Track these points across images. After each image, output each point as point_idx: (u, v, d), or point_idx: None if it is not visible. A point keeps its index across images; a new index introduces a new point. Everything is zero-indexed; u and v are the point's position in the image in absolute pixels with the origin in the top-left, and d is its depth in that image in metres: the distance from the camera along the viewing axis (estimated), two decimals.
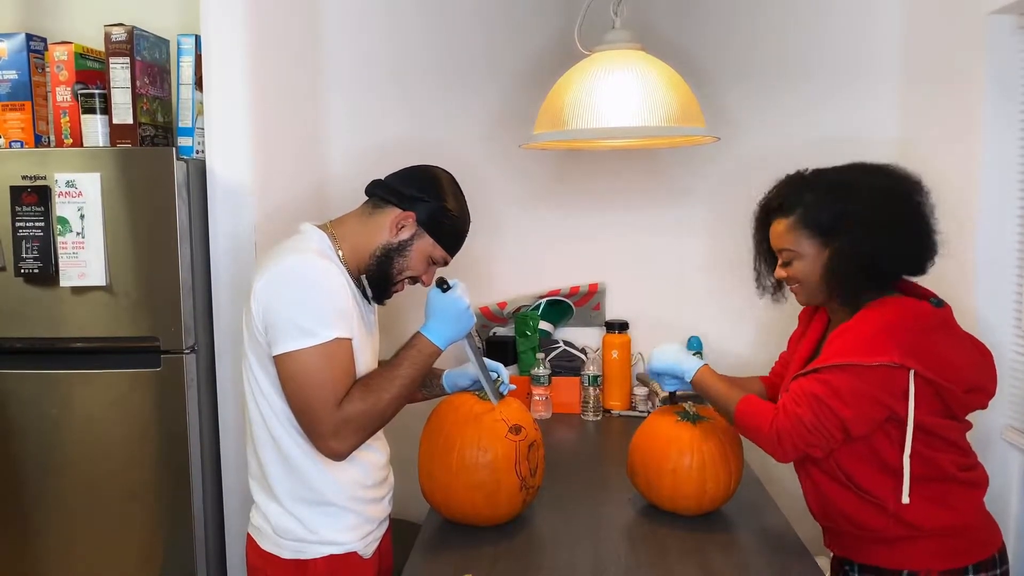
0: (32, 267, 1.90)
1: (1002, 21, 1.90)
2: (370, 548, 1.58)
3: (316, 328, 1.39)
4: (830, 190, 1.52)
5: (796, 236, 1.53)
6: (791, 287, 1.60)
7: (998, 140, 1.93)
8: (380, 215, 1.55)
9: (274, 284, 1.42)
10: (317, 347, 1.39)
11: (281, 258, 1.46)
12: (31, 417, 1.96)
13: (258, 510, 1.55)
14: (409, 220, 1.54)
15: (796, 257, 1.54)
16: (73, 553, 1.98)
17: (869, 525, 1.50)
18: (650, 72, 1.75)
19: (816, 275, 1.53)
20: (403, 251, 1.54)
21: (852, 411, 1.42)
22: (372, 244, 1.54)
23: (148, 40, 2.03)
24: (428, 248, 1.56)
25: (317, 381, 1.40)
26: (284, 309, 1.40)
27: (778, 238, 1.57)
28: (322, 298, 1.42)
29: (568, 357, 2.53)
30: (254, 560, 1.56)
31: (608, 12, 1.85)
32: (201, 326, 2.00)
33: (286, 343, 1.40)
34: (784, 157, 2.44)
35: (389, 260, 1.54)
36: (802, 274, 1.54)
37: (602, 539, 1.61)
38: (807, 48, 2.44)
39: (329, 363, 1.41)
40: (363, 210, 1.59)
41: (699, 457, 1.64)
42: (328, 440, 1.42)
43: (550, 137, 1.80)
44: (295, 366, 1.40)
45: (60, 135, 2.03)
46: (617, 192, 2.56)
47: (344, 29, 2.54)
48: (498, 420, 1.63)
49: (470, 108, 2.55)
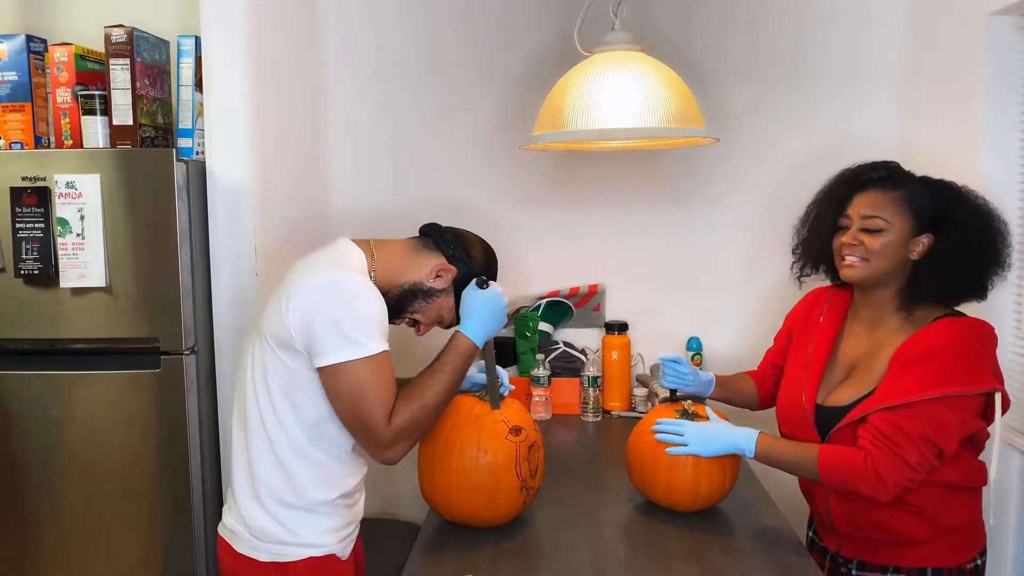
0: (32, 268, 1.90)
1: (1002, 21, 1.90)
2: (347, 550, 1.58)
3: (365, 340, 1.41)
4: (940, 188, 1.53)
5: (896, 211, 1.50)
6: (851, 259, 1.54)
7: (998, 141, 1.93)
8: (425, 256, 1.59)
9: (321, 295, 1.42)
10: (366, 359, 1.41)
11: (325, 271, 1.46)
12: (31, 418, 1.96)
13: (232, 512, 1.54)
14: (449, 274, 1.58)
15: (886, 230, 1.50)
16: (73, 553, 1.98)
17: (907, 533, 1.50)
18: (650, 73, 1.75)
19: (897, 257, 1.50)
20: (429, 297, 1.59)
21: (955, 441, 1.43)
22: (405, 277, 1.57)
23: (148, 41, 2.03)
24: (447, 306, 1.61)
25: (369, 393, 1.42)
26: (332, 320, 1.41)
27: (874, 206, 1.52)
28: (370, 312, 1.44)
29: (568, 358, 2.53)
30: (229, 563, 1.55)
31: (608, 13, 1.85)
32: (201, 327, 2.00)
33: (335, 354, 1.40)
34: (784, 157, 2.47)
35: (413, 298, 1.58)
36: (882, 248, 1.50)
37: (602, 539, 1.61)
38: (807, 49, 2.44)
39: (378, 375, 1.43)
40: (413, 244, 1.62)
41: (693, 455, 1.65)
42: (384, 451, 1.46)
43: (550, 138, 1.80)
44: (345, 377, 1.41)
45: (60, 136, 2.03)
46: (617, 193, 2.56)
47: (344, 30, 2.54)
48: (498, 421, 1.63)
49: (470, 108, 2.56)
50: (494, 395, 1.67)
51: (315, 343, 1.41)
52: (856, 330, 1.63)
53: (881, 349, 1.54)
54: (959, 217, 1.49)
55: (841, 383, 1.60)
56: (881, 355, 1.53)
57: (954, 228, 1.48)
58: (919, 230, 1.50)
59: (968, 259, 1.47)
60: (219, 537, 1.57)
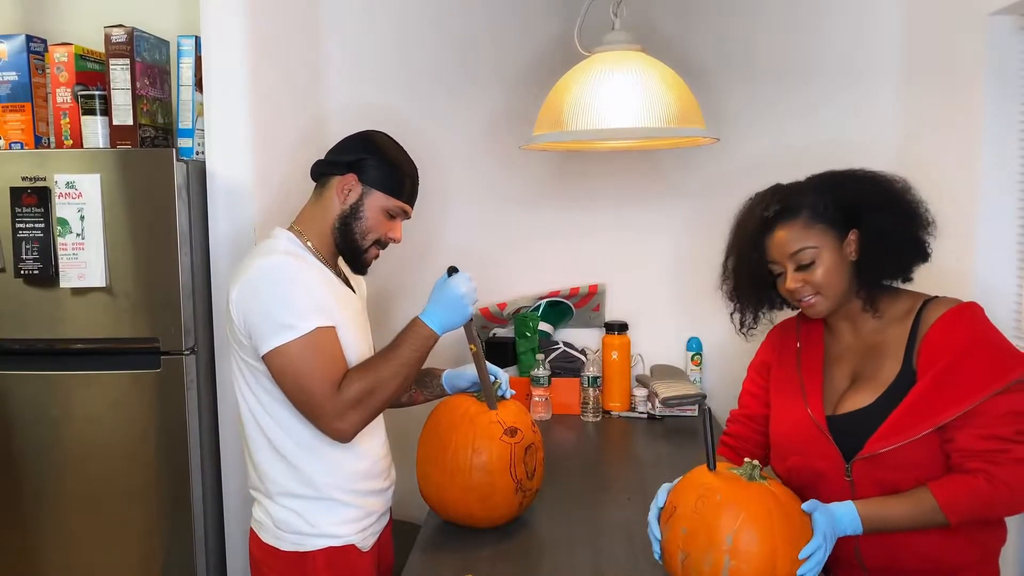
0: (32, 268, 1.90)
1: (1002, 22, 1.90)
2: (368, 541, 1.60)
3: (295, 321, 1.43)
4: (826, 187, 1.48)
5: (811, 233, 1.44)
6: (804, 300, 1.46)
7: (998, 141, 1.93)
8: (327, 190, 1.59)
9: (248, 288, 1.46)
10: (300, 339, 1.43)
11: (250, 263, 1.49)
12: (31, 418, 1.96)
13: (258, 505, 1.58)
14: (351, 182, 1.57)
15: (817, 255, 1.43)
16: (73, 553, 1.98)
17: (953, 559, 1.40)
18: (650, 73, 1.75)
19: (842, 270, 1.45)
20: (357, 214, 1.57)
21: None
22: (330, 219, 1.58)
23: (148, 41, 2.03)
24: (381, 202, 1.58)
25: (308, 369, 1.43)
26: (262, 309, 1.43)
27: (790, 242, 1.45)
28: (295, 292, 1.45)
29: (568, 358, 2.53)
30: (256, 553, 1.58)
31: (608, 13, 1.85)
32: (201, 327, 2.00)
33: (270, 340, 1.43)
34: (784, 157, 2.47)
35: (348, 227, 1.58)
36: (826, 274, 1.44)
37: (602, 540, 1.61)
38: (807, 49, 2.44)
39: (316, 352, 1.44)
40: (314, 194, 1.62)
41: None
42: (333, 422, 1.45)
43: (550, 138, 1.80)
44: (283, 360, 1.43)
45: (60, 136, 2.03)
46: (617, 193, 2.56)
47: (344, 30, 2.54)
48: (493, 422, 1.63)
49: (470, 109, 2.55)
50: (489, 396, 1.67)
51: (253, 335, 1.44)
52: (840, 343, 1.54)
53: (877, 349, 1.48)
54: (864, 199, 1.44)
55: (848, 391, 1.49)
56: (879, 353, 1.47)
57: (868, 212, 1.43)
58: (842, 233, 1.45)
59: (897, 232, 1.43)
60: (250, 529, 1.61)
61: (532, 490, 1.67)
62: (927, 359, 1.39)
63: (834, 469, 1.44)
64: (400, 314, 2.42)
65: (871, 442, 1.39)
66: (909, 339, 1.43)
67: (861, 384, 1.48)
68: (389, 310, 2.57)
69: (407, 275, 2.53)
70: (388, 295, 2.57)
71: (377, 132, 1.65)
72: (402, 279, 2.54)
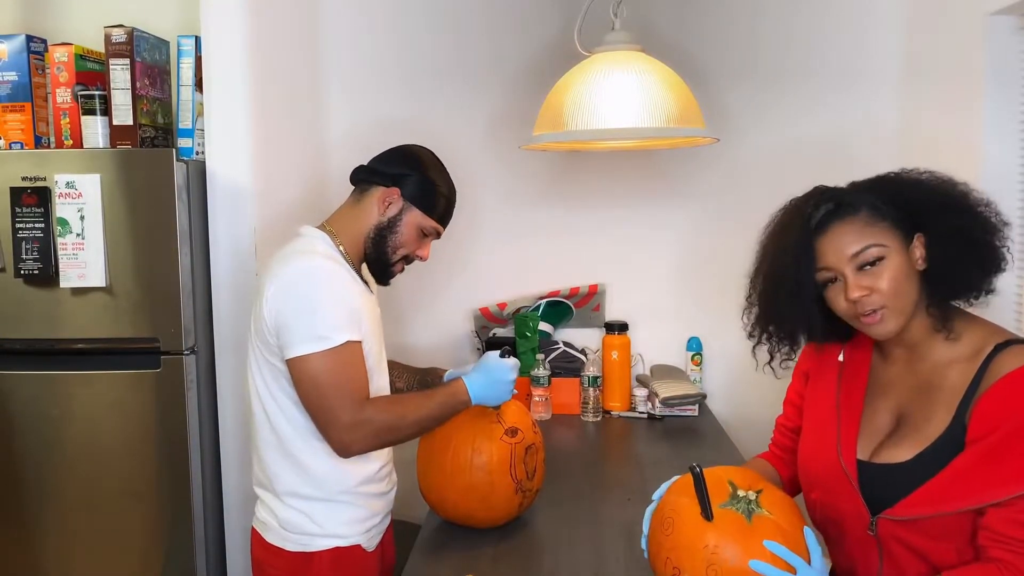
0: (32, 268, 1.90)
1: (1002, 21, 1.90)
2: (373, 541, 1.61)
3: (328, 332, 1.43)
4: (880, 187, 1.29)
5: (875, 230, 1.23)
6: (867, 316, 1.23)
7: (998, 141, 1.93)
8: (368, 198, 1.60)
9: (285, 288, 1.45)
10: (329, 351, 1.43)
11: (289, 262, 1.48)
12: (31, 418, 1.96)
13: (263, 505, 1.58)
14: (395, 196, 1.58)
15: (886, 254, 1.22)
16: (73, 553, 1.98)
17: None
18: (650, 73, 1.75)
19: (912, 280, 1.24)
20: (394, 227, 1.59)
21: None
22: (366, 227, 1.59)
23: (148, 41, 2.03)
24: (418, 220, 1.60)
25: (331, 382, 1.43)
26: (296, 313, 1.43)
27: (855, 237, 1.23)
28: (333, 302, 1.46)
29: (568, 358, 2.53)
30: (259, 554, 1.58)
31: (608, 13, 1.85)
32: (201, 327, 2.00)
33: (299, 347, 1.42)
34: (784, 157, 2.47)
35: (383, 239, 1.59)
36: (894, 279, 1.22)
37: (602, 539, 1.61)
38: (807, 49, 2.44)
39: (342, 366, 1.44)
40: (352, 199, 1.63)
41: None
42: (343, 435, 1.45)
43: (550, 138, 1.80)
44: (308, 368, 1.43)
45: (60, 136, 2.03)
46: (617, 193, 2.56)
47: (344, 30, 2.54)
48: (494, 422, 1.63)
49: (471, 109, 2.55)
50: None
51: (282, 336, 1.44)
52: (889, 370, 1.33)
53: (931, 390, 1.26)
54: (928, 201, 1.26)
55: (891, 436, 1.29)
56: (932, 397, 1.26)
57: (933, 215, 1.25)
58: (907, 237, 1.25)
59: (969, 236, 1.23)
60: (252, 529, 1.61)
61: (532, 490, 1.67)
62: (981, 421, 1.18)
63: (858, 520, 1.29)
64: (394, 313, 2.42)
65: (901, 505, 1.22)
66: (969, 388, 1.21)
67: (905, 431, 1.28)
68: (386, 310, 2.56)
69: (406, 275, 2.51)
70: (385, 294, 2.56)
71: (423, 148, 1.67)
72: (400, 279, 2.52)
